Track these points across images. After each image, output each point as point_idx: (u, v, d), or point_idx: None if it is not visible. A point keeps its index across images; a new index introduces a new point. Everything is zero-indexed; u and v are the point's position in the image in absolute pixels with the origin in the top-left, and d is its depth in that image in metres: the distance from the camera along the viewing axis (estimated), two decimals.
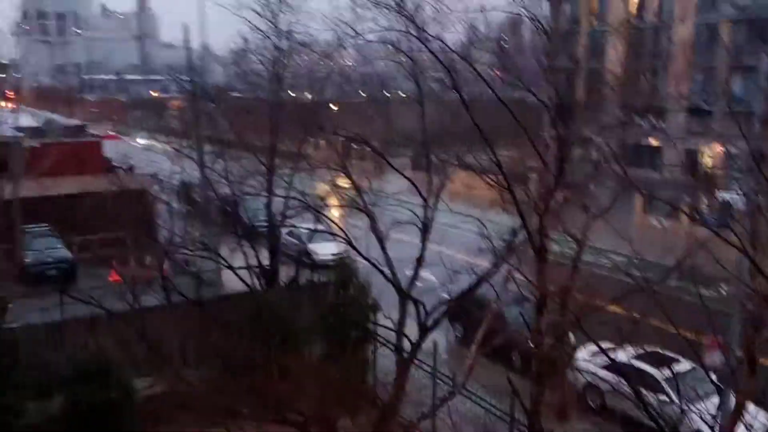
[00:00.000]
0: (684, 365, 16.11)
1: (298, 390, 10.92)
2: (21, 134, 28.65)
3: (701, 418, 10.48)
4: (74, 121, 45.65)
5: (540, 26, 13.64)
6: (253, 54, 30.88)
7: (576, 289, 15.91)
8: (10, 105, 29.99)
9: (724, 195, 36.30)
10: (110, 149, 46.79)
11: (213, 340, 14.73)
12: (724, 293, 19.35)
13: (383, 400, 13.86)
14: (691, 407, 11.10)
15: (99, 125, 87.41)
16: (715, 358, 17.09)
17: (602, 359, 16.28)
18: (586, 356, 18.64)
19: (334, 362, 13.99)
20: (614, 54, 23.85)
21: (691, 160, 49.70)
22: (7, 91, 42.70)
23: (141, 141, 72.48)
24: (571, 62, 29.20)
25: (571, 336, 17.96)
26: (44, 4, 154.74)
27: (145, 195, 29.83)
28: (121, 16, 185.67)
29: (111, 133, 64.12)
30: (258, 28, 22.89)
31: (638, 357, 15.68)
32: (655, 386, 15.87)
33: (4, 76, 39.28)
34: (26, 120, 29.47)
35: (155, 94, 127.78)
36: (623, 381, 11.05)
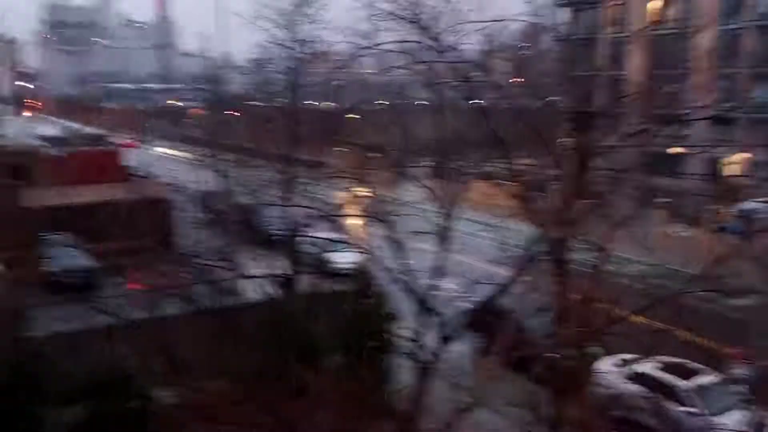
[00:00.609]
0: (709, 377, 15.86)
1: (315, 402, 10.85)
2: (42, 143, 28.93)
3: (726, 430, 10.30)
4: (94, 130, 46.06)
5: (558, 35, 13.53)
6: (272, 63, 31.10)
7: (598, 300, 15.73)
8: (31, 114, 30.37)
9: (747, 204, 35.87)
10: (130, 158, 47.14)
11: (231, 350, 14.72)
12: (748, 303, 19.04)
13: (401, 411, 13.76)
14: (716, 419, 10.93)
15: (119, 134, 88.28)
16: (740, 369, 16.84)
17: (625, 371, 16.05)
18: (608, 368, 18.41)
19: (352, 373, 13.90)
20: (635, 62, 23.63)
21: (714, 168, 49.17)
22: (28, 101, 43.23)
23: (160, 149, 73.01)
24: (591, 70, 29.08)
25: (594, 347, 17.75)
26: (66, 15, 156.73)
27: (163, 203, 29.99)
28: (142, 26, 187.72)
29: (130, 141, 64.60)
30: (276, 38, 23.04)
31: (662, 368, 15.45)
32: (679, 398, 15.63)
33: (25, 85, 39.82)
34: (47, 129, 29.76)
35: (174, 103, 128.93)
36: (646, 393, 10.87)
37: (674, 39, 50.67)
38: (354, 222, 24.37)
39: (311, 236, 26.63)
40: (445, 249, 15.75)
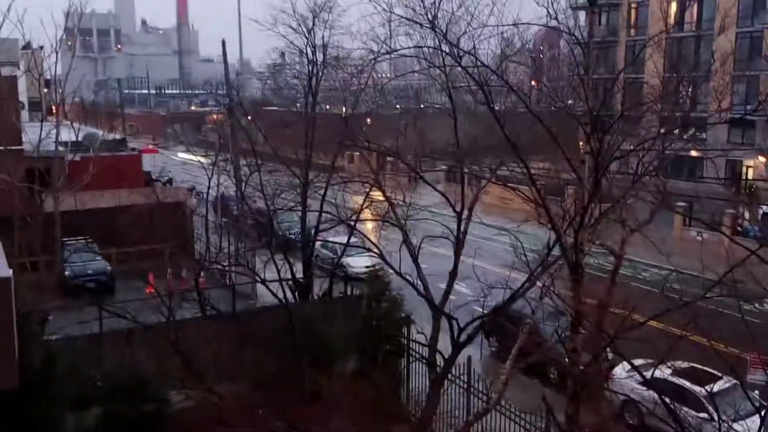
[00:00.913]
0: (726, 382, 15.68)
1: (330, 406, 10.88)
2: (62, 149, 29.20)
3: None
4: (114, 136, 46.50)
5: (575, 39, 13.47)
6: (289, 68, 31.30)
7: (614, 305, 15.62)
8: (52, 120, 30.70)
9: (766, 207, 35.48)
10: (149, 163, 47.56)
11: (247, 354, 14.79)
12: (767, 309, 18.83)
13: (416, 415, 13.75)
14: (733, 425, 10.80)
15: (139, 139, 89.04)
16: (758, 375, 16.63)
17: (641, 376, 15.90)
18: (624, 373, 18.26)
19: (367, 377, 13.92)
20: (653, 65, 23.46)
21: (733, 171, 48.68)
22: (49, 107, 43.69)
23: (180, 155, 73.59)
24: (609, 74, 28.87)
25: (609, 353, 17.63)
26: (87, 22, 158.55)
27: (182, 208, 30.21)
28: (161, 32, 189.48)
29: (150, 146, 65.21)
30: (293, 44, 23.19)
31: (679, 374, 15.30)
32: (695, 404, 15.47)
33: (49, 92, 40.19)
34: (67, 135, 29.99)
35: (194, 108, 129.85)
36: (662, 398, 10.76)
37: (693, 42, 50.35)
38: (370, 226, 24.43)
39: (327, 241, 26.75)
40: (460, 253, 15.74)
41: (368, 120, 26.42)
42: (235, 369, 14.13)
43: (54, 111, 38.97)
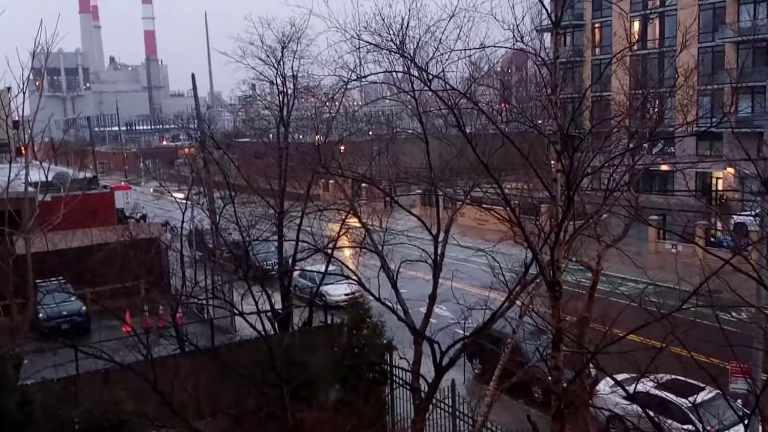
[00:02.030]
0: (709, 393, 15.77)
1: None
2: (32, 189, 28.85)
3: None
4: (85, 174, 46.07)
5: (541, 60, 13.65)
6: (260, 99, 31.34)
7: (594, 320, 15.68)
8: (21, 161, 30.38)
9: (738, 217, 35.99)
10: (122, 199, 47.13)
11: (227, 389, 14.57)
12: (744, 317, 18.99)
13: None
14: None
15: (111, 176, 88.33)
16: (739, 384, 16.73)
17: (624, 391, 15.93)
18: (608, 388, 18.30)
19: (351, 405, 13.77)
20: (619, 82, 23.88)
21: (703, 183, 49.48)
22: (18, 147, 43.26)
23: (152, 190, 73.10)
24: (576, 92, 29.34)
25: (592, 369, 17.66)
26: (54, 61, 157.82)
27: (156, 244, 29.88)
28: (130, 68, 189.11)
29: (122, 183, 64.70)
30: (263, 75, 23.26)
31: (662, 386, 15.36)
32: (680, 416, 15.52)
33: (15, 131, 39.80)
34: (37, 175, 29.63)
35: (165, 143, 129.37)
36: (646, 412, 10.77)
37: (656, 58, 51.39)
38: (347, 253, 24.35)
39: (304, 270, 26.56)
40: (439, 276, 15.73)
41: (341, 147, 26.48)
42: (215, 404, 13.91)
43: (23, 151, 38.52)
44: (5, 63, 22.81)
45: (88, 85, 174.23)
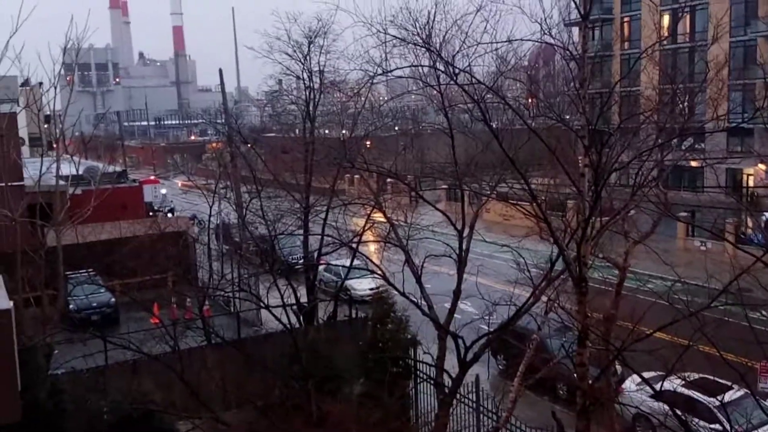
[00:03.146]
0: (737, 392, 15.55)
1: (338, 430, 10.78)
2: (63, 183, 29.34)
3: None
4: (115, 168, 46.68)
5: (569, 54, 13.53)
6: (287, 94, 31.48)
7: (620, 317, 15.54)
8: (53, 155, 30.86)
9: None
10: (150, 193, 47.68)
11: (253, 381, 14.70)
12: None
13: None
14: None
15: (140, 170, 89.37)
16: None
17: (651, 389, 15.78)
18: (635, 386, 18.14)
19: (375, 400, 13.81)
20: (648, 77, 23.58)
21: (734, 180, 48.69)
22: (49, 142, 43.92)
23: (180, 184, 73.80)
24: (605, 87, 29.02)
25: (618, 366, 17.52)
26: (85, 56, 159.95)
27: (184, 237, 30.20)
28: (159, 64, 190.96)
29: (151, 177, 65.45)
30: (290, 70, 23.34)
31: (689, 385, 15.18)
32: (707, 415, 15.33)
33: (46, 126, 40.40)
34: (68, 168, 30.09)
35: (193, 138, 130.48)
36: (673, 410, 10.67)
37: (687, 52, 50.64)
38: (372, 248, 24.38)
39: (330, 264, 26.69)
40: (463, 271, 15.70)
41: (367, 142, 26.51)
42: (241, 396, 14.04)
43: (54, 146, 39.11)
44: (37, 58, 23.14)
45: (117, 80, 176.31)
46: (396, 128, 37.24)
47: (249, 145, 31.05)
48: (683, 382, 14.25)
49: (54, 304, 25.49)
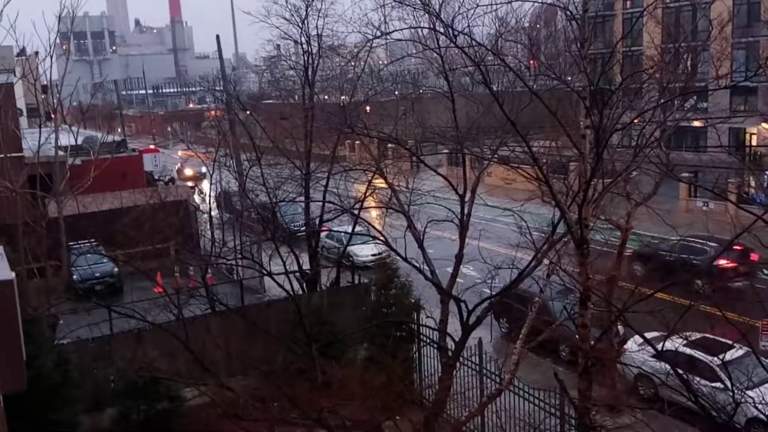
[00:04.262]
0: (738, 351, 15.65)
1: (342, 395, 10.87)
2: (62, 153, 29.17)
3: (755, 405, 10.17)
4: (114, 137, 46.47)
5: (570, 14, 13.33)
6: (285, 60, 31.15)
7: (622, 279, 15.59)
8: (51, 125, 30.71)
9: None
10: (150, 162, 47.54)
11: (257, 348, 14.81)
12: None
13: (429, 399, 13.73)
14: (747, 393, 10.77)
15: (138, 139, 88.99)
16: None
17: (652, 349, 15.88)
18: (636, 346, 18.24)
19: (378, 364, 13.92)
20: (650, 36, 23.30)
21: (737, 139, 48.42)
22: (47, 112, 43.61)
23: (180, 153, 73.57)
24: (607, 48, 28.72)
25: (620, 327, 17.60)
26: (80, 25, 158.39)
27: (185, 206, 30.19)
28: (155, 31, 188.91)
29: (151, 146, 65.23)
30: (288, 35, 23.06)
31: (691, 344, 15.27)
32: (708, 374, 15.44)
33: (44, 96, 40.14)
34: (67, 139, 29.91)
35: (192, 106, 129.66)
36: (675, 369, 10.73)
37: (690, 10, 49.94)
38: (374, 214, 24.37)
39: (332, 230, 26.69)
40: (465, 236, 15.69)
41: (367, 107, 26.30)
42: (245, 362, 14.15)
43: (52, 116, 38.88)
44: (32, 27, 22.88)
45: (114, 48, 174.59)
46: (396, 93, 36.91)
47: (248, 112, 30.83)
48: (684, 341, 14.34)
49: (57, 274, 25.61)
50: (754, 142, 48.50)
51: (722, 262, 22.12)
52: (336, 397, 10.78)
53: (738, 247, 20.88)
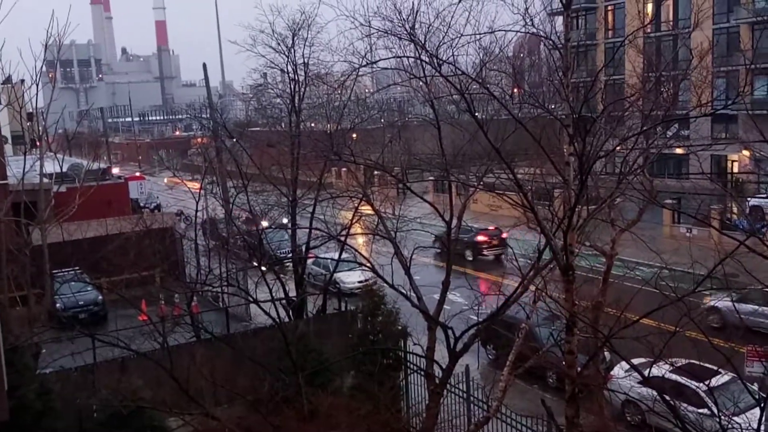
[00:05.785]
0: (724, 376, 15.70)
1: (328, 424, 10.78)
2: (47, 180, 29.05)
3: (742, 431, 10.19)
4: (99, 165, 46.33)
5: (553, 43, 13.54)
6: (272, 88, 31.32)
7: (608, 305, 15.64)
8: (36, 152, 30.63)
9: (753, 200, 35.70)
10: (136, 190, 47.40)
11: (243, 376, 14.67)
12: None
13: (416, 427, 13.65)
14: (733, 419, 10.79)
15: (124, 167, 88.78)
16: (755, 367, 16.66)
17: (639, 375, 15.91)
18: (623, 372, 18.26)
19: (365, 392, 13.83)
20: (632, 65, 23.69)
21: (719, 166, 49.04)
22: (33, 139, 43.54)
23: (166, 180, 73.42)
24: (589, 76, 29.17)
25: (607, 353, 17.63)
26: (67, 52, 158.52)
27: (171, 233, 30.06)
28: (142, 59, 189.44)
29: (137, 174, 65.08)
30: (274, 63, 23.25)
31: (677, 371, 15.32)
32: (695, 399, 15.46)
33: (29, 123, 40.06)
34: (52, 166, 29.80)
35: (178, 133, 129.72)
36: (661, 396, 10.75)
37: (670, 40, 50.86)
38: (360, 241, 24.37)
39: (318, 257, 26.65)
40: (452, 262, 15.72)
41: (353, 135, 26.45)
42: (231, 391, 14.00)
43: (37, 143, 38.75)
44: (18, 55, 22.87)
45: (100, 76, 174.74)
46: (382, 120, 37.15)
47: (234, 140, 30.89)
48: (671, 367, 14.39)
49: (41, 302, 25.32)
50: (735, 169, 49.14)
51: (481, 238, 31.67)
52: (322, 426, 10.69)
53: (492, 228, 31.57)
